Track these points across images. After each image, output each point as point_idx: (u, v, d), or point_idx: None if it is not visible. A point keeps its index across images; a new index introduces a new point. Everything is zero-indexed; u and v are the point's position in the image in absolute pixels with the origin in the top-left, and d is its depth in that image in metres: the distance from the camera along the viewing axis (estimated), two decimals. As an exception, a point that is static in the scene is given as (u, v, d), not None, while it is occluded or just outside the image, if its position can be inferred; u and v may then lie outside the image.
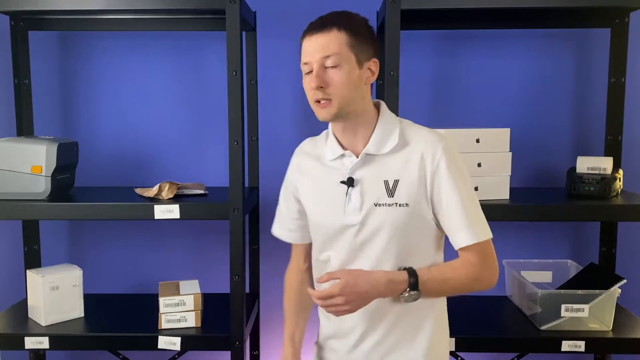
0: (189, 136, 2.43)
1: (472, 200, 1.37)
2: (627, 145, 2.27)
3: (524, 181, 2.39)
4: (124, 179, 2.42)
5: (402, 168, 1.36)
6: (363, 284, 1.28)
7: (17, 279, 2.40)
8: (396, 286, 1.31)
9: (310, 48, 1.34)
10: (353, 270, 1.33)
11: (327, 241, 1.44)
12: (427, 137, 1.38)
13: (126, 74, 2.41)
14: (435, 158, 1.34)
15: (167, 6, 1.92)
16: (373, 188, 1.37)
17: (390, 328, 1.41)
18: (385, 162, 1.38)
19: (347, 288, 1.27)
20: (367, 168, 1.39)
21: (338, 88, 1.33)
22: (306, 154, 1.51)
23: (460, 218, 1.34)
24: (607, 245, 2.25)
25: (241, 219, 1.90)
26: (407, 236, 1.37)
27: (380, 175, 1.38)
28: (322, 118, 1.36)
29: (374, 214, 1.37)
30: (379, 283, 1.30)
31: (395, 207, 1.35)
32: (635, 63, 2.29)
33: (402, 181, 1.36)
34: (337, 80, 1.32)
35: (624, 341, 1.93)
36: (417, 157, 1.36)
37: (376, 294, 1.30)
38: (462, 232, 1.35)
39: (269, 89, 2.38)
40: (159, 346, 1.94)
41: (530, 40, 2.37)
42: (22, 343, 1.94)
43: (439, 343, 1.45)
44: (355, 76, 1.34)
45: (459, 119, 2.38)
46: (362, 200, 1.38)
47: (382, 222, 1.36)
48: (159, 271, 2.45)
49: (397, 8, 1.85)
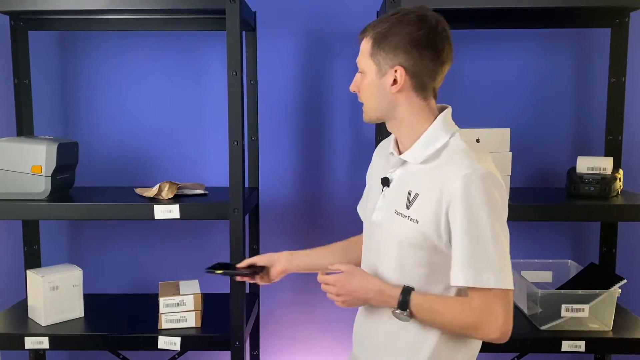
0: (189, 136, 2.43)
1: (487, 242, 1.23)
2: (627, 145, 2.27)
3: (524, 181, 2.39)
4: (124, 179, 2.42)
5: (425, 184, 1.31)
6: (356, 283, 1.34)
7: (17, 279, 2.40)
8: (385, 298, 1.32)
9: None
10: (355, 268, 1.38)
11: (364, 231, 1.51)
12: (457, 158, 1.28)
13: (126, 74, 2.41)
14: (453, 185, 1.24)
15: (167, 6, 1.92)
16: (398, 194, 1.36)
17: (381, 349, 1.40)
18: (415, 171, 1.35)
19: (340, 281, 1.35)
20: (401, 172, 1.39)
21: (363, 95, 1.38)
22: (382, 146, 1.55)
23: (461, 255, 1.24)
24: (607, 245, 2.25)
25: (241, 219, 1.90)
26: (413, 252, 1.31)
27: (407, 183, 1.35)
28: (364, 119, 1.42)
29: (391, 219, 1.36)
30: (371, 289, 1.33)
31: (408, 220, 1.31)
32: (635, 63, 2.29)
33: (421, 196, 1.30)
34: (363, 86, 1.37)
35: (624, 341, 1.93)
36: (438, 178, 1.28)
37: (364, 298, 1.34)
38: (458, 270, 1.25)
39: (269, 89, 2.38)
40: (159, 346, 1.94)
41: (530, 40, 2.37)
42: (22, 343, 1.94)
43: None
44: (374, 85, 1.34)
45: (459, 119, 2.35)
46: (389, 202, 1.39)
47: (394, 230, 1.35)
48: (159, 271, 2.45)
49: (397, 8, 1.85)
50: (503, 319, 1.24)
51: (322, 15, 2.34)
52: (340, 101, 2.41)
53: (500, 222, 1.26)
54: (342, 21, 2.34)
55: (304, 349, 2.51)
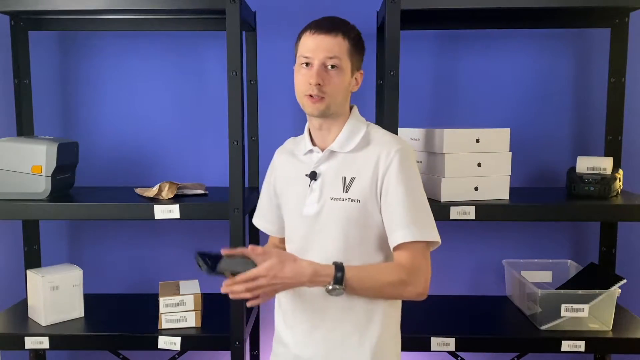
0: (189, 136, 2.43)
1: (417, 203, 1.40)
2: (627, 145, 2.27)
3: (524, 181, 2.39)
4: (124, 179, 2.42)
5: (359, 166, 1.44)
6: (288, 270, 1.32)
7: (17, 279, 2.40)
8: (321, 278, 1.33)
9: (313, 45, 1.42)
10: (283, 253, 1.37)
11: (291, 231, 1.53)
12: (387, 139, 1.46)
13: (126, 74, 2.41)
14: (388, 158, 1.41)
15: (167, 6, 1.93)
16: (332, 183, 1.46)
17: (336, 323, 1.45)
18: (346, 159, 1.46)
19: (272, 270, 1.31)
20: (329, 164, 1.48)
21: (333, 89, 1.42)
22: (285, 151, 1.62)
23: (399, 217, 1.38)
24: (607, 245, 2.25)
25: (241, 219, 1.91)
26: (354, 231, 1.42)
27: (340, 171, 1.46)
28: (310, 111, 1.44)
29: (328, 207, 1.44)
30: (304, 273, 1.33)
31: (348, 202, 1.42)
32: (635, 63, 2.29)
33: (358, 179, 1.43)
34: (335, 81, 1.42)
35: (624, 341, 1.93)
36: (374, 157, 1.43)
37: (298, 283, 1.34)
38: (398, 230, 1.38)
39: (269, 89, 2.38)
40: (159, 346, 1.94)
41: (530, 40, 2.37)
42: (22, 343, 1.94)
43: (388, 343, 1.48)
44: (347, 82, 1.45)
45: (459, 119, 2.38)
46: (321, 193, 1.46)
47: (334, 215, 1.43)
48: (159, 271, 2.45)
49: (397, 8, 1.85)
50: (428, 274, 1.39)
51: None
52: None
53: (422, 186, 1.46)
54: (342, 21, 2.34)
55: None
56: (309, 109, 1.44)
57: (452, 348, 1.92)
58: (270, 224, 1.66)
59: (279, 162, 1.61)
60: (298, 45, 1.47)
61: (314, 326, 1.47)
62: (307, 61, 1.42)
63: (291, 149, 1.60)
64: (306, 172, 1.50)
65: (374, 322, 1.45)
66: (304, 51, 1.43)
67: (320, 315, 1.46)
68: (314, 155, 1.51)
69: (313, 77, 1.40)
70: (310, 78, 1.41)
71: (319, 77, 1.40)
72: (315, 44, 1.41)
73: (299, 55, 1.45)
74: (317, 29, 1.43)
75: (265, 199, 1.66)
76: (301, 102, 1.46)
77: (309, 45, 1.42)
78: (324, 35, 1.42)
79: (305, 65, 1.43)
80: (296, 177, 1.52)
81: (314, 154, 1.51)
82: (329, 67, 1.41)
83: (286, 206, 1.56)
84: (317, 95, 1.41)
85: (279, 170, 1.60)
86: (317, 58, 1.41)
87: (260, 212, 1.69)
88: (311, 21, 1.47)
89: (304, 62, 1.43)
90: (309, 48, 1.42)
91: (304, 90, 1.43)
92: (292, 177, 1.54)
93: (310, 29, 1.44)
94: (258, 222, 1.70)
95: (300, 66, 1.44)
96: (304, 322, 1.49)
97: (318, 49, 1.41)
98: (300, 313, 1.49)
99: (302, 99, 1.45)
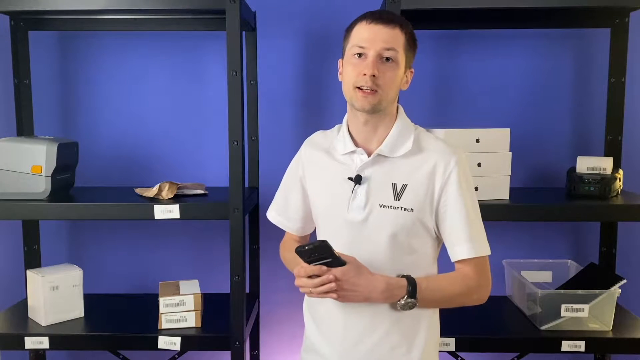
0: (189, 136, 2.43)
1: (477, 216, 1.40)
2: (627, 145, 2.27)
3: (524, 181, 2.39)
4: (124, 179, 2.42)
5: (412, 173, 1.37)
6: (363, 281, 1.29)
7: (17, 279, 2.40)
8: (394, 292, 1.31)
9: (370, 35, 1.33)
10: (361, 263, 1.32)
11: (330, 234, 1.42)
12: (440, 147, 1.39)
13: (126, 74, 2.41)
14: (447, 170, 1.36)
15: (167, 6, 1.92)
16: (380, 189, 1.38)
17: (384, 336, 1.39)
18: (396, 165, 1.39)
19: (347, 275, 1.27)
20: (377, 168, 1.39)
21: (387, 82, 1.33)
22: (316, 145, 1.51)
23: (463, 231, 1.36)
24: (607, 245, 2.25)
25: (241, 219, 1.90)
26: (406, 241, 1.37)
27: (390, 177, 1.38)
28: (360, 105, 1.34)
29: (377, 214, 1.37)
30: (377, 288, 1.30)
31: (400, 210, 1.36)
32: (635, 63, 2.29)
33: (410, 186, 1.37)
34: (390, 75, 1.34)
35: (624, 341, 1.93)
36: (429, 165, 1.37)
37: (368, 298, 1.31)
38: (463, 245, 1.37)
39: (269, 89, 2.38)
40: (159, 346, 1.94)
41: (530, 40, 2.37)
42: (22, 343, 1.94)
43: (431, 349, 1.45)
44: (400, 78, 1.37)
45: (459, 119, 2.38)
46: (367, 198, 1.38)
47: (384, 223, 1.36)
48: (159, 271, 2.45)
49: (397, 8, 1.85)
50: (490, 281, 1.41)
51: (322, 15, 2.34)
52: (340, 101, 2.40)
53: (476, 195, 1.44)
54: (342, 21, 2.31)
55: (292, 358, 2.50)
56: (360, 103, 1.33)
57: (452, 348, 1.92)
58: (292, 222, 1.57)
59: (308, 158, 1.51)
60: (350, 35, 1.37)
61: (360, 338, 1.39)
62: (362, 51, 1.33)
63: (324, 146, 1.49)
64: (347, 174, 1.40)
65: (421, 330, 1.41)
66: (359, 41, 1.33)
67: (369, 328, 1.38)
68: (357, 156, 1.41)
69: (368, 68, 1.30)
70: (364, 69, 1.31)
71: (374, 68, 1.30)
72: (373, 33, 1.32)
73: (352, 45, 1.35)
74: (375, 19, 1.34)
75: (292, 194, 1.55)
76: (349, 95, 1.36)
77: (364, 35, 1.33)
78: (382, 25, 1.33)
79: (358, 56, 1.33)
80: (332, 178, 1.43)
81: (356, 155, 1.41)
82: (384, 59, 1.32)
83: (319, 208, 1.47)
84: (370, 88, 1.31)
85: (309, 167, 1.50)
86: (374, 48, 1.31)
87: (280, 208, 1.58)
88: (364, 12, 1.38)
89: (357, 53, 1.33)
90: (365, 37, 1.33)
91: (355, 82, 1.33)
92: (327, 177, 1.44)
93: (367, 18, 1.35)
94: (276, 218, 1.59)
95: (352, 57, 1.34)
96: (347, 333, 1.40)
97: (375, 38, 1.32)
98: (342, 324, 1.40)
99: (351, 92, 1.35)
